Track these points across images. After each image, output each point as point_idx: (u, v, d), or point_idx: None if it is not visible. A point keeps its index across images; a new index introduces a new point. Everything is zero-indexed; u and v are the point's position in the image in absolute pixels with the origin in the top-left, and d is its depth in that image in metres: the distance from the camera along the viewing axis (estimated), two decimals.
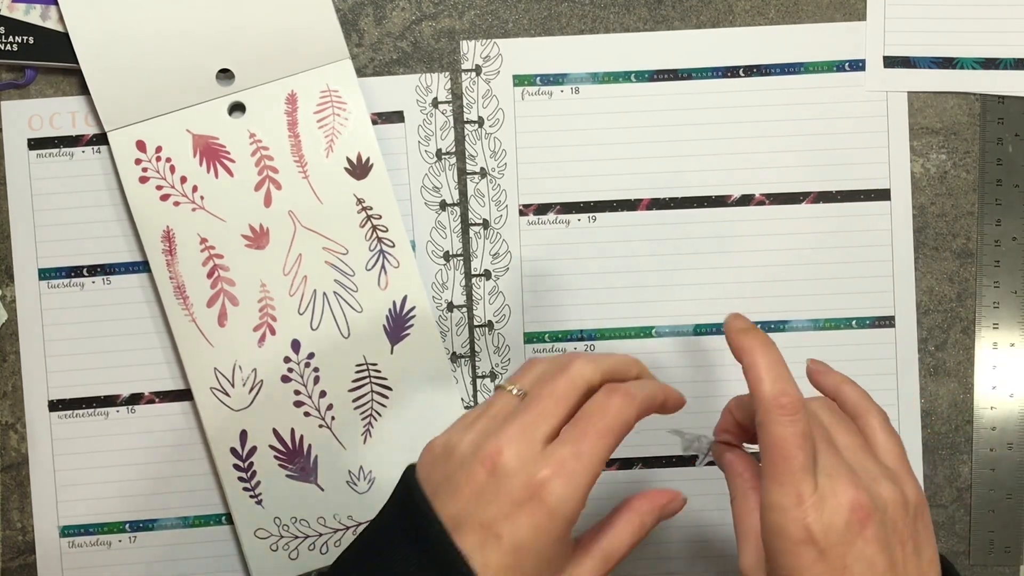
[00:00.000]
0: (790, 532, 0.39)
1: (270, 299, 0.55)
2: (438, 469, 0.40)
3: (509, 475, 0.39)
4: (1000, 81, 0.57)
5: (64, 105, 0.57)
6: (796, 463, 0.40)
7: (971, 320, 0.57)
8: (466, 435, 0.41)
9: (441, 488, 0.40)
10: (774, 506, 0.40)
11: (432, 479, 0.40)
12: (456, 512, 0.39)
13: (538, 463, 0.39)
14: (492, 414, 0.41)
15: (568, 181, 0.58)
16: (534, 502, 0.38)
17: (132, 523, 0.57)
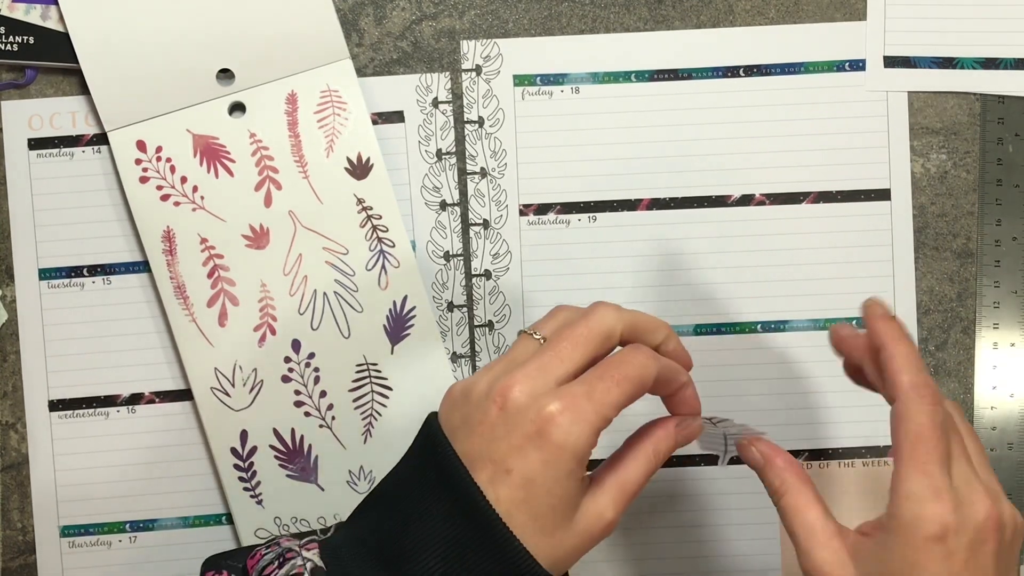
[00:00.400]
0: (925, 526, 0.38)
1: (270, 299, 0.56)
2: (456, 411, 0.41)
3: (520, 410, 0.39)
4: (1000, 81, 0.58)
5: (64, 105, 0.57)
6: (937, 454, 0.39)
7: (971, 320, 0.58)
8: (484, 377, 0.41)
9: (458, 428, 0.41)
10: (912, 496, 0.39)
11: (451, 421, 0.41)
12: (470, 449, 0.40)
13: (547, 397, 0.39)
14: (512, 357, 0.42)
15: (568, 181, 0.58)
16: (542, 436, 0.39)
17: (132, 523, 0.57)
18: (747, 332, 0.58)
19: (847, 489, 0.57)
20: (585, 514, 0.41)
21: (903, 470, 0.39)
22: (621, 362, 0.41)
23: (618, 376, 0.40)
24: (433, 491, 0.40)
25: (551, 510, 0.39)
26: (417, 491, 0.41)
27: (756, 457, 0.44)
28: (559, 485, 0.39)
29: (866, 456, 0.57)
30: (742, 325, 0.58)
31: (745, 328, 0.58)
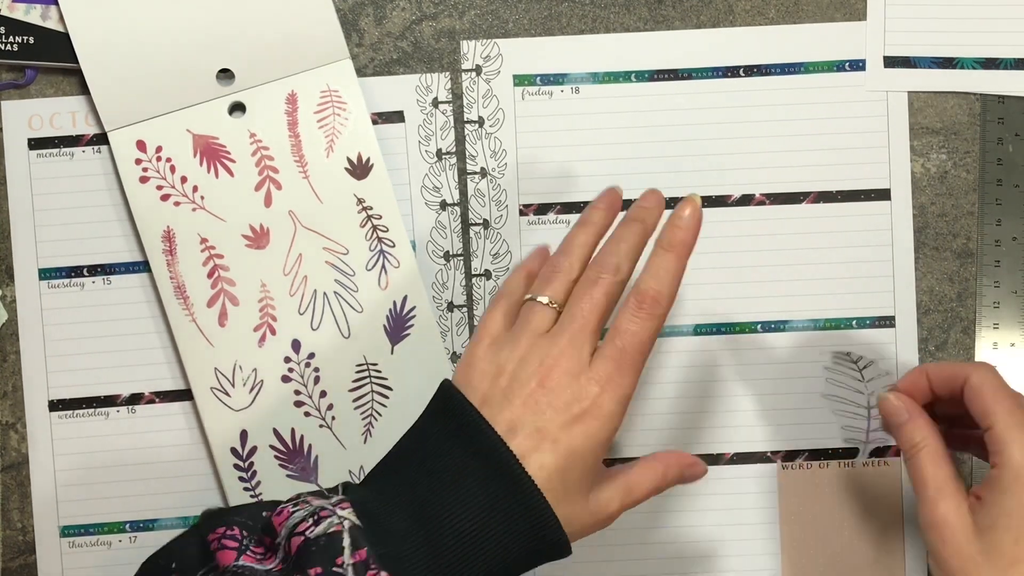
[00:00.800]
0: None
1: (270, 299, 0.56)
2: (486, 383, 0.45)
3: (563, 387, 0.44)
4: (1000, 81, 0.58)
5: (64, 105, 0.58)
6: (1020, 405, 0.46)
7: (971, 320, 0.58)
8: (513, 353, 0.45)
9: (492, 399, 0.44)
10: (1017, 442, 0.44)
11: (480, 391, 0.45)
12: (511, 418, 0.43)
13: (589, 377, 0.44)
14: (532, 330, 0.46)
15: (568, 181, 0.58)
16: (588, 415, 0.44)
17: (132, 523, 0.57)
18: (747, 332, 0.58)
19: (847, 488, 0.58)
20: (596, 498, 0.45)
21: (998, 425, 0.45)
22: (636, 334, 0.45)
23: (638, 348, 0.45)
24: (466, 455, 0.43)
25: (581, 478, 0.44)
26: (447, 455, 0.44)
27: (900, 412, 0.48)
28: (594, 455, 0.44)
29: (866, 457, 0.58)
30: (742, 325, 0.58)
31: (745, 328, 0.58)
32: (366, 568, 0.41)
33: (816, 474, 0.58)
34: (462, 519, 0.42)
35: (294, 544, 0.42)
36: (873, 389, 0.56)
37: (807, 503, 0.58)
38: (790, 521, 0.57)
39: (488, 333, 0.48)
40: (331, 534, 0.42)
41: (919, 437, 0.47)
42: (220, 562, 0.43)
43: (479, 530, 0.42)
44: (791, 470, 0.58)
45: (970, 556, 0.44)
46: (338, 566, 0.41)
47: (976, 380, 0.47)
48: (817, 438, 0.58)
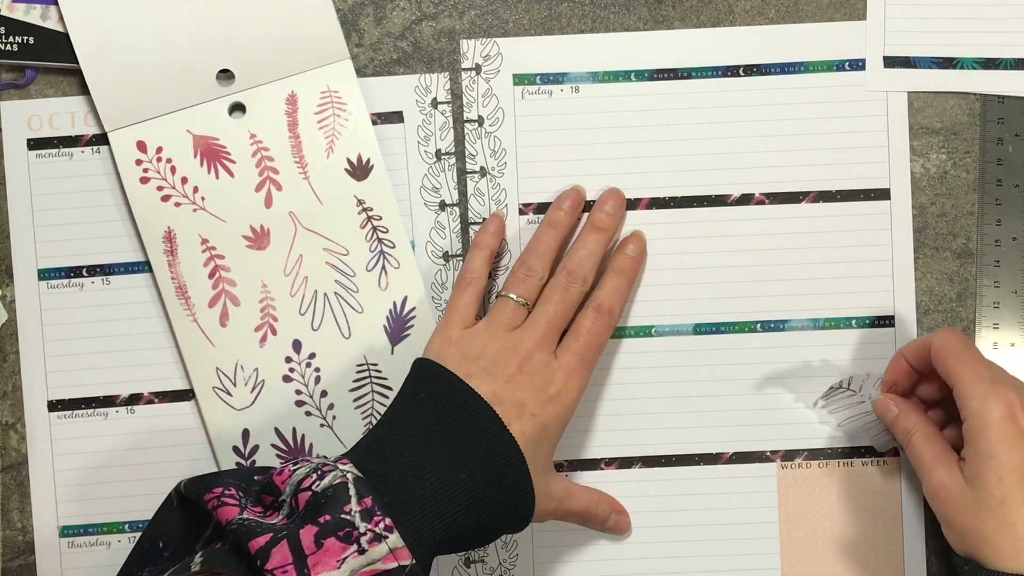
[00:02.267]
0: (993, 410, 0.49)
1: (271, 299, 0.57)
2: (466, 363, 0.52)
3: (537, 372, 0.52)
4: (1000, 81, 0.59)
5: (64, 105, 0.59)
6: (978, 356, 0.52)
7: (971, 320, 0.59)
8: (491, 342, 0.53)
9: (475, 375, 0.51)
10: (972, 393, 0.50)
11: (463, 368, 0.51)
12: (496, 391, 0.51)
13: (557, 366, 0.53)
14: (506, 323, 0.54)
15: (568, 180, 0.59)
16: (560, 398, 0.52)
17: (132, 523, 0.59)
18: (747, 332, 0.59)
19: (846, 488, 0.59)
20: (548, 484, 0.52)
21: (956, 377, 0.51)
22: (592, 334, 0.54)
23: (598, 345, 0.55)
24: (456, 415, 0.50)
25: (547, 454, 0.52)
26: (437, 415, 0.50)
27: (892, 409, 0.55)
28: (557, 433, 0.53)
29: (865, 456, 0.59)
30: (742, 325, 0.59)
31: (745, 328, 0.59)
32: (372, 514, 0.45)
33: (815, 473, 0.59)
34: (454, 470, 0.48)
35: (301, 499, 0.45)
36: (869, 392, 0.58)
37: (806, 503, 0.59)
38: (789, 521, 0.59)
39: (459, 317, 0.55)
40: (336, 485, 0.46)
41: (910, 424, 0.54)
42: (222, 518, 0.46)
43: (471, 480, 0.48)
44: (790, 469, 0.59)
45: (968, 507, 0.50)
46: (346, 513, 0.45)
47: (937, 343, 0.53)
48: (817, 438, 0.59)
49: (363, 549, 0.44)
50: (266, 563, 0.43)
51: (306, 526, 0.44)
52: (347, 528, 0.44)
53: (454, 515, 0.47)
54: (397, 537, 0.45)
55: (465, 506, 0.47)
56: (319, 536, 0.44)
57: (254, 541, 0.44)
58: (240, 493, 0.48)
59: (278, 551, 0.43)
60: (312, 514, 0.45)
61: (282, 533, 0.44)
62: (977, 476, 0.49)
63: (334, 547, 0.44)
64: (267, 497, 0.47)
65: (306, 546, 0.44)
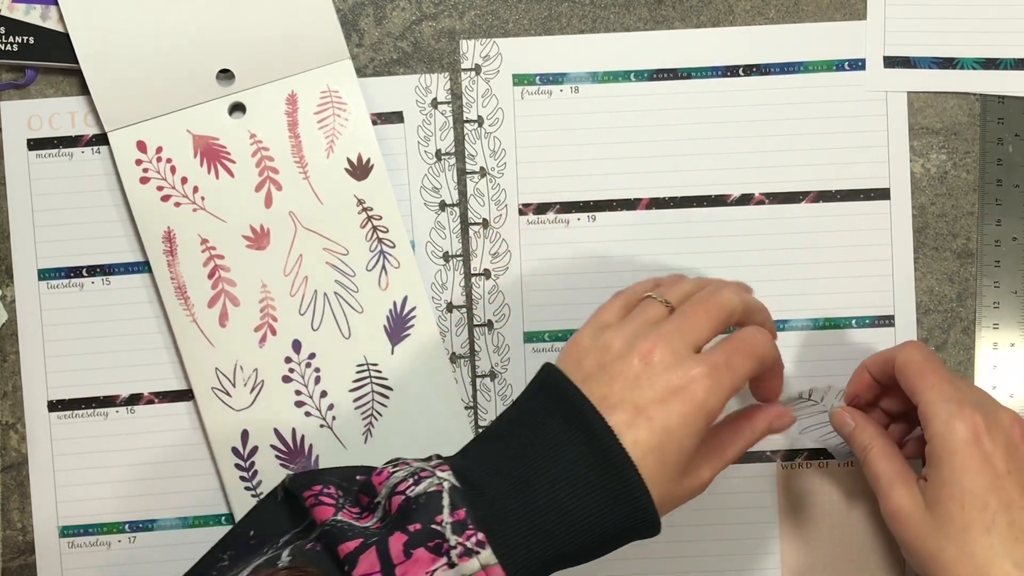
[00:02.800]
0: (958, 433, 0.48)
1: (271, 299, 0.58)
2: (589, 360, 0.46)
3: (665, 368, 0.45)
4: (1000, 81, 0.59)
5: (64, 105, 0.59)
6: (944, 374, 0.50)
7: (971, 320, 0.59)
8: (619, 334, 0.47)
9: (593, 376, 0.46)
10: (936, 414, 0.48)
11: (582, 369, 0.46)
12: (609, 394, 0.45)
13: (692, 361, 0.45)
14: (644, 319, 0.47)
15: (568, 180, 0.60)
16: (686, 393, 0.44)
17: (131, 523, 0.59)
18: None
19: (846, 488, 0.59)
20: (690, 472, 0.46)
21: (921, 396, 0.49)
22: (752, 341, 0.47)
23: (749, 351, 0.47)
24: (563, 428, 0.45)
25: (675, 461, 0.45)
26: (544, 427, 0.45)
27: (848, 422, 0.53)
28: (689, 440, 0.45)
29: None
30: None
31: None
32: (464, 528, 0.43)
33: (815, 473, 0.59)
34: (557, 487, 0.43)
35: (395, 503, 0.44)
36: (831, 403, 0.57)
37: (806, 502, 0.59)
38: (789, 520, 0.59)
39: (600, 320, 0.49)
40: (431, 493, 0.43)
41: (867, 439, 0.52)
42: (317, 517, 0.45)
43: (573, 499, 0.43)
44: (790, 469, 0.59)
45: (927, 533, 0.48)
46: (437, 523, 0.43)
47: (901, 360, 0.51)
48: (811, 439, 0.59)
49: (453, 563, 0.42)
50: (353, 569, 0.42)
51: (395, 533, 0.43)
52: (437, 539, 0.42)
53: (556, 536, 0.43)
54: (490, 554, 0.42)
55: (567, 526, 0.44)
56: (408, 545, 0.42)
57: (343, 545, 0.43)
58: (339, 492, 0.47)
59: (366, 558, 0.42)
60: (402, 521, 0.43)
61: (372, 539, 0.43)
62: (938, 501, 0.48)
63: (423, 558, 0.42)
64: (364, 498, 0.46)
65: (394, 555, 0.42)
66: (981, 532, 0.47)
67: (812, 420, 0.58)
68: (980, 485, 0.47)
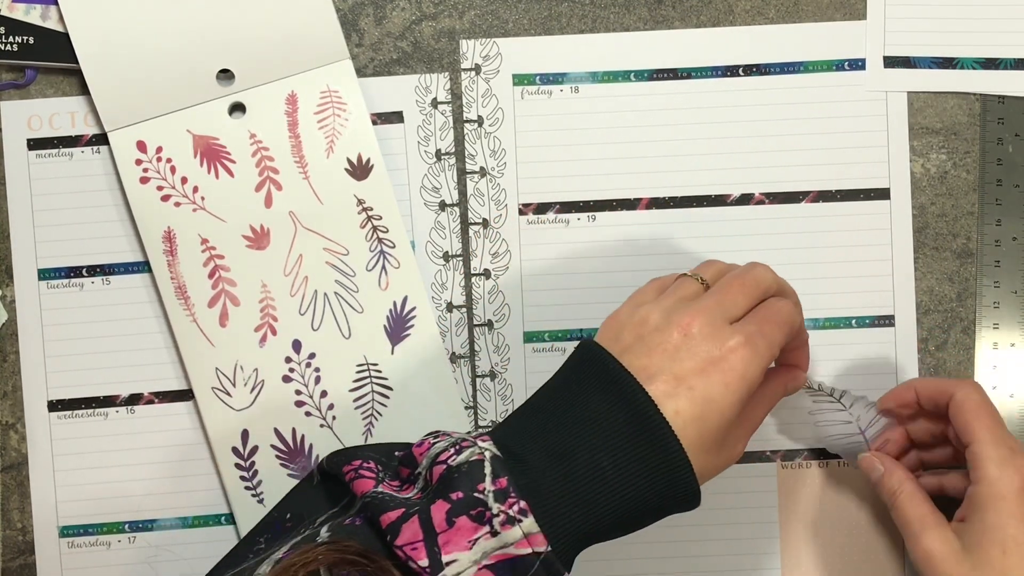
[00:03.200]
0: (1010, 480, 0.49)
1: (271, 299, 0.58)
2: (627, 333, 0.47)
3: (704, 339, 0.45)
4: (1000, 81, 0.60)
5: (64, 105, 0.60)
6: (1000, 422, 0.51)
7: (971, 320, 0.59)
8: (657, 308, 0.47)
9: (632, 348, 0.46)
10: (992, 459, 0.49)
11: (620, 341, 0.47)
12: (649, 364, 0.45)
13: (729, 332, 0.46)
14: (680, 295, 0.48)
15: (568, 180, 0.60)
16: (727, 363, 0.45)
17: (131, 523, 0.59)
18: None
19: (846, 487, 0.59)
20: (726, 443, 0.47)
21: (977, 441, 0.50)
22: (781, 309, 0.48)
23: (780, 321, 0.48)
24: (603, 399, 0.45)
25: (716, 431, 0.45)
26: (584, 398, 0.45)
27: (877, 467, 0.54)
28: (731, 409, 0.45)
29: None
30: None
31: None
32: (506, 496, 0.43)
33: (815, 473, 0.59)
34: (598, 457, 0.44)
35: (436, 472, 0.44)
36: (859, 413, 0.57)
37: (806, 502, 0.59)
38: (789, 520, 0.59)
39: (636, 299, 0.50)
40: (472, 462, 0.44)
41: (895, 484, 0.53)
42: (357, 490, 0.45)
43: (614, 469, 0.44)
44: (791, 469, 0.59)
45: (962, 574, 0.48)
46: (479, 492, 0.43)
47: (960, 396, 0.52)
48: (816, 437, 0.59)
49: (496, 531, 0.42)
50: (396, 539, 0.42)
51: (437, 502, 0.43)
52: (479, 507, 0.43)
53: (597, 505, 0.44)
54: (532, 522, 0.42)
55: (608, 495, 0.44)
56: (451, 513, 0.43)
57: (385, 515, 0.43)
58: (379, 467, 0.47)
59: (408, 527, 0.42)
60: (444, 489, 0.43)
61: (414, 509, 0.43)
62: (979, 545, 0.48)
63: (466, 526, 0.42)
64: (404, 470, 0.46)
65: (437, 523, 0.42)
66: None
67: (829, 417, 0.57)
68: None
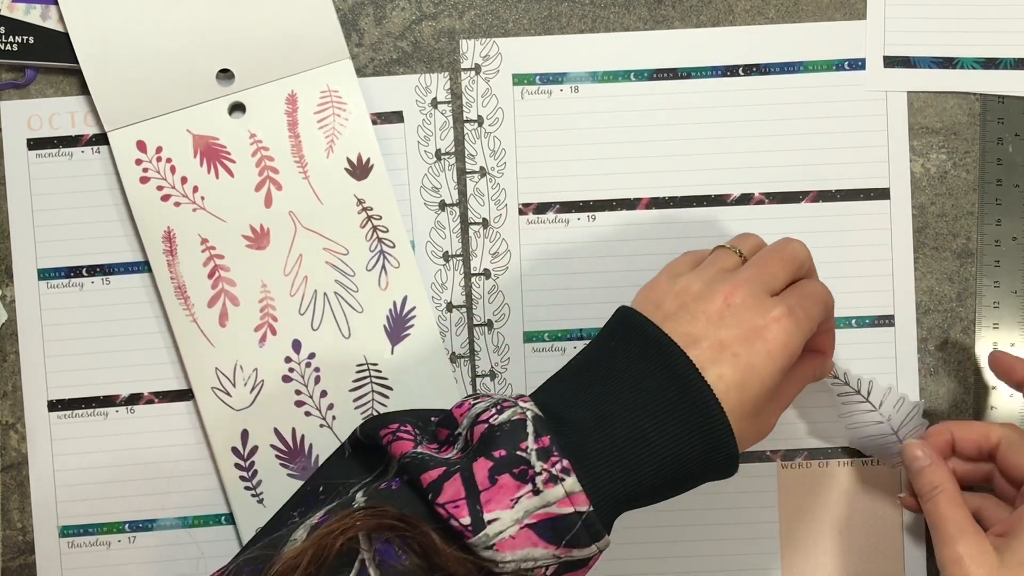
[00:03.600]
0: None
1: (271, 299, 0.58)
2: (669, 302, 0.47)
3: (747, 308, 0.46)
4: (1000, 81, 0.60)
5: (64, 105, 0.60)
6: None
7: (971, 320, 0.60)
8: (698, 278, 0.48)
9: (674, 316, 0.47)
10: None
11: (662, 309, 0.47)
12: (692, 331, 0.46)
13: (772, 302, 0.47)
14: (720, 266, 0.49)
15: (567, 180, 0.60)
16: (770, 332, 0.46)
17: (131, 523, 0.59)
18: None
19: (846, 488, 0.59)
20: (760, 414, 0.47)
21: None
22: (818, 287, 0.50)
23: (818, 298, 0.49)
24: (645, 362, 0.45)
25: (756, 398, 0.46)
26: (625, 362, 0.46)
27: (920, 457, 0.52)
28: (771, 378, 0.46)
29: (865, 456, 0.59)
30: None
31: None
32: (549, 455, 0.43)
33: (815, 473, 0.59)
34: (640, 418, 0.44)
35: (477, 432, 0.44)
36: (889, 412, 0.57)
37: (806, 502, 0.59)
38: (789, 520, 0.59)
39: (674, 269, 0.50)
40: (515, 421, 0.44)
41: (938, 480, 0.51)
42: (395, 452, 0.45)
43: (656, 430, 0.44)
44: (790, 469, 0.59)
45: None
46: (522, 450, 0.43)
47: (1007, 442, 0.52)
48: (817, 438, 0.59)
49: (538, 490, 0.42)
50: (438, 497, 0.42)
51: (479, 460, 0.43)
52: (522, 466, 0.43)
53: (638, 466, 0.44)
54: (574, 481, 0.43)
55: (650, 457, 0.44)
56: (493, 471, 0.43)
57: (426, 474, 0.43)
58: (416, 430, 0.47)
59: (450, 485, 0.43)
60: (486, 448, 0.43)
61: (455, 467, 0.43)
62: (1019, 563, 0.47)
63: (508, 484, 0.42)
64: (443, 431, 0.47)
65: (479, 481, 0.42)
66: None
67: (859, 418, 0.58)
68: None
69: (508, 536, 0.42)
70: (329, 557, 0.41)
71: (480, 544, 0.42)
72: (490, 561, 0.42)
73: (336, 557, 0.41)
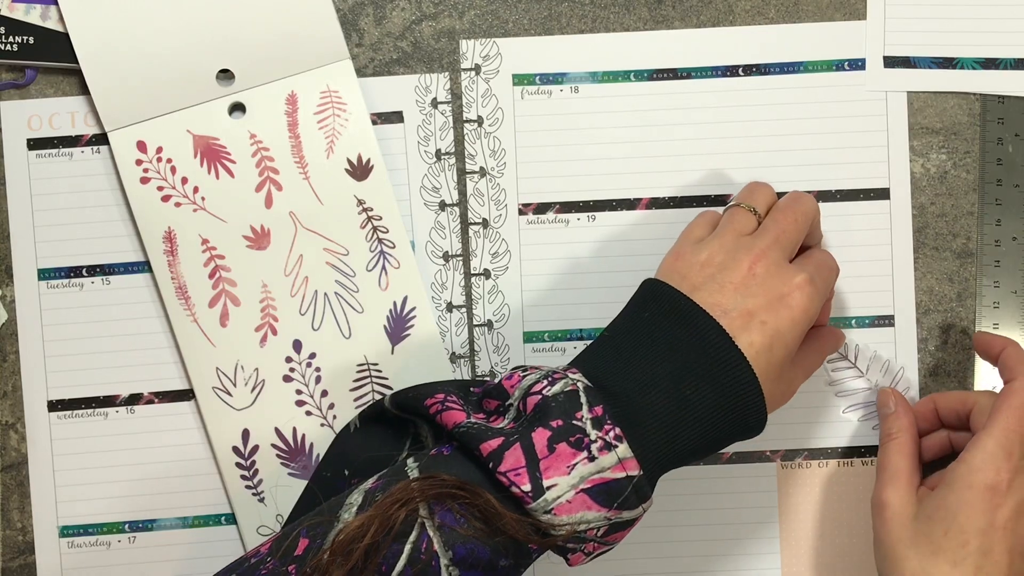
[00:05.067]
0: (984, 474, 0.50)
1: (271, 299, 0.59)
2: (695, 273, 0.50)
3: (769, 275, 0.49)
4: (1000, 81, 0.60)
5: (64, 105, 0.60)
6: (1021, 431, 0.51)
7: (971, 320, 0.60)
8: (720, 248, 0.51)
9: (701, 286, 0.49)
10: (985, 449, 0.50)
11: (689, 280, 0.50)
12: (721, 301, 0.49)
13: (792, 270, 0.50)
14: (737, 229, 0.52)
15: (567, 180, 0.60)
16: (792, 299, 0.49)
17: (131, 523, 0.60)
18: None
19: (846, 487, 0.60)
20: (783, 378, 0.50)
21: (987, 430, 0.51)
22: (828, 257, 0.53)
23: (832, 267, 0.53)
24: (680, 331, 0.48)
25: (780, 363, 0.49)
26: (660, 332, 0.49)
27: (889, 405, 0.57)
28: (794, 342, 0.49)
29: (865, 456, 0.60)
30: None
31: None
32: (602, 424, 0.46)
33: (815, 473, 0.60)
34: (680, 386, 0.47)
35: (530, 403, 0.47)
36: (876, 379, 0.60)
37: (806, 502, 0.60)
38: (789, 520, 0.60)
39: (692, 235, 0.53)
40: (568, 392, 0.47)
41: (896, 428, 0.56)
42: (447, 422, 0.47)
43: (697, 397, 0.47)
44: (790, 469, 0.60)
45: (900, 539, 0.51)
46: (578, 420, 0.46)
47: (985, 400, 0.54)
48: (817, 438, 0.60)
49: (593, 456, 0.45)
50: (499, 466, 0.45)
51: (538, 429, 0.45)
52: (578, 434, 0.45)
53: (680, 430, 0.47)
54: (626, 447, 0.46)
55: (691, 422, 0.47)
56: (552, 440, 0.45)
57: (486, 444, 0.45)
58: (460, 399, 0.49)
59: (511, 454, 0.45)
60: (543, 418, 0.46)
61: (514, 437, 0.45)
62: (928, 517, 0.50)
63: (565, 452, 0.45)
64: (491, 402, 0.49)
65: (539, 449, 0.45)
66: (948, 563, 0.49)
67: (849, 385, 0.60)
68: (973, 525, 0.49)
69: (565, 500, 0.45)
70: (394, 527, 0.43)
71: (539, 509, 0.44)
72: (547, 524, 0.45)
73: (400, 525, 0.43)
